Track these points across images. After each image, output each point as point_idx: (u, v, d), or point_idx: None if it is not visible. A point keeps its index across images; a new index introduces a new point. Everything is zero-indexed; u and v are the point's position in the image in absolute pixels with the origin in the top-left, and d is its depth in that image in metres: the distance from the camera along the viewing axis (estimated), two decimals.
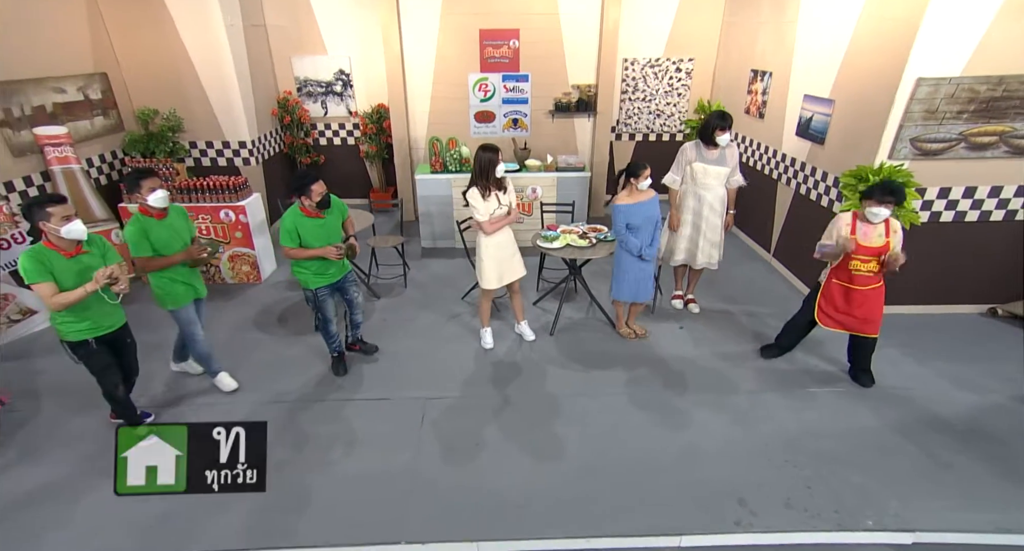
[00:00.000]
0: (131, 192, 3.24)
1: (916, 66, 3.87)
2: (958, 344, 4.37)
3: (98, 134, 5.50)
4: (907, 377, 3.99)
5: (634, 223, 3.94)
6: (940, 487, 3.04)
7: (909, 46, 3.84)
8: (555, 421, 3.57)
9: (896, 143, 4.11)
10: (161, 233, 3.28)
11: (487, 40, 6.51)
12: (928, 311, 4.80)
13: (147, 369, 4.02)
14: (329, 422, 3.57)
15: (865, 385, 3.92)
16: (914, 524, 2.81)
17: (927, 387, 3.88)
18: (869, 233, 3.50)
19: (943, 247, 4.48)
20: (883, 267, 3.52)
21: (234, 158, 6.34)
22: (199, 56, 5.80)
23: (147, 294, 5.08)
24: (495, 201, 3.88)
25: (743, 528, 2.80)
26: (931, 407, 3.68)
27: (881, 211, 3.39)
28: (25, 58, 4.77)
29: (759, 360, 4.20)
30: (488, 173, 3.79)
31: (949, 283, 4.69)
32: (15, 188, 4.63)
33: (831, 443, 3.36)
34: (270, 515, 2.87)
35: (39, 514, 2.88)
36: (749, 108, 6.25)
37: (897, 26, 3.97)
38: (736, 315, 4.87)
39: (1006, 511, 2.88)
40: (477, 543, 2.74)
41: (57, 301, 2.75)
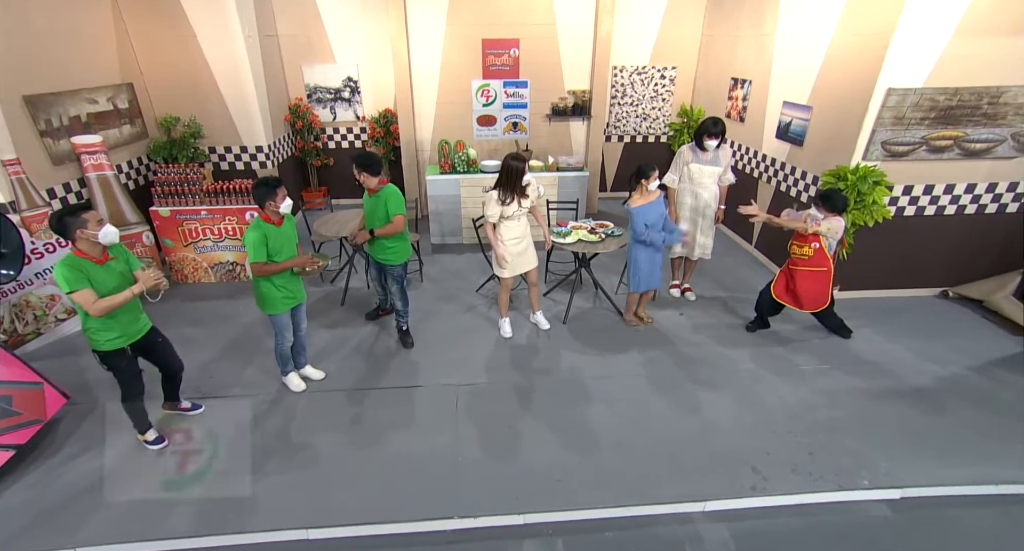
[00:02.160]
0: (266, 200, 3.13)
1: (887, 77, 4.05)
2: (919, 323, 4.62)
3: (126, 141, 5.36)
4: (881, 353, 4.22)
5: (650, 221, 4.06)
6: (921, 448, 3.26)
7: (881, 58, 4.02)
8: (580, 401, 3.69)
9: (869, 146, 4.30)
10: (278, 239, 3.22)
11: (489, 49, 6.51)
12: (892, 295, 5.06)
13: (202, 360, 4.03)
14: (371, 408, 3.62)
15: (845, 337, 4.39)
16: (902, 481, 3.01)
17: (899, 361, 4.11)
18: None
19: (905, 238, 4.72)
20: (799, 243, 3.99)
21: (251, 162, 6.25)
22: (218, 66, 5.68)
23: (181, 294, 5.06)
24: (515, 206, 3.92)
25: (759, 492, 2.96)
26: (906, 378, 3.91)
27: (813, 212, 3.91)
28: (62, 71, 4.66)
29: (754, 342, 4.38)
30: (515, 182, 3.84)
31: (909, 269, 4.94)
32: (56, 195, 4.51)
33: (825, 413, 3.55)
34: (328, 493, 2.92)
35: (100, 501, 2.87)
36: (730, 113, 6.40)
37: (870, 40, 4.14)
38: (727, 301, 5.05)
39: (979, 466, 3.12)
40: (523, 515, 2.83)
41: (100, 306, 2.65)
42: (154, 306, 4.82)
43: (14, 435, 3.00)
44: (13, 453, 2.98)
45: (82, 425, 3.40)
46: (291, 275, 3.40)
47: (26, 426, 3.08)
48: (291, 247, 3.37)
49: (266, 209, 3.18)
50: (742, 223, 6.34)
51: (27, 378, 3.22)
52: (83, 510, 2.81)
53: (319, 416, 3.54)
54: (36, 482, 2.98)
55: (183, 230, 5.03)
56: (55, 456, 3.16)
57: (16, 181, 4.09)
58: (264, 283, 3.30)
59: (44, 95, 4.44)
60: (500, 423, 3.49)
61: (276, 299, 3.36)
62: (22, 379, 3.19)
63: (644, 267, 4.23)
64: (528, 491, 2.96)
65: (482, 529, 2.79)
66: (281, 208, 3.20)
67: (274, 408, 3.61)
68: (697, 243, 4.71)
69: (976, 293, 4.81)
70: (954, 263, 4.92)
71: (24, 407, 3.10)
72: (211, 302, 4.96)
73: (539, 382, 3.90)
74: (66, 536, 2.67)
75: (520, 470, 3.11)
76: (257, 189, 3.14)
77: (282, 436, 3.37)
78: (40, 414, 3.18)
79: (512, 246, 4.08)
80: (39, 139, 4.39)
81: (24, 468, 3.05)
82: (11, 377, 3.15)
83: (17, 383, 3.15)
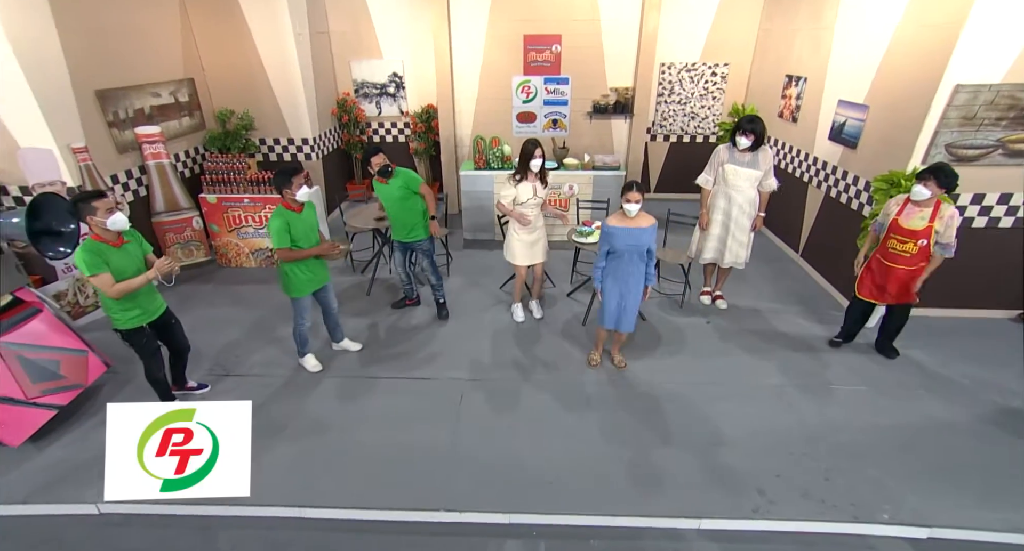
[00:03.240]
0: (282, 187, 3.27)
1: (955, 72, 3.67)
2: (986, 348, 4.16)
3: (184, 133, 5.76)
4: (929, 377, 3.84)
5: (615, 248, 3.36)
6: (957, 485, 2.94)
7: (949, 53, 3.63)
8: (585, 405, 3.61)
9: (931, 149, 3.91)
10: (300, 226, 3.37)
11: (531, 45, 6.47)
12: (958, 315, 4.58)
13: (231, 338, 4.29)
14: (378, 395, 3.71)
15: (889, 356, 4.00)
16: (930, 520, 2.74)
17: (949, 388, 3.73)
18: (911, 214, 3.49)
19: (974, 252, 4.24)
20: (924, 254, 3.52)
21: (297, 153, 6.55)
22: (270, 61, 5.99)
23: (223, 277, 5.40)
24: (530, 191, 4.09)
25: (761, 515, 2.79)
26: (955, 407, 3.55)
27: (919, 189, 3.38)
28: (131, 68, 5.06)
29: (782, 355, 4.12)
30: (525, 162, 4.02)
31: (980, 288, 4.45)
32: (119, 180, 4.93)
33: (850, 437, 3.29)
34: (323, 475, 3.02)
35: None
36: (783, 112, 6.02)
37: (937, 32, 3.76)
38: (763, 312, 4.77)
39: (1021, 511, 2.77)
40: (508, 514, 2.81)
41: (119, 289, 2.82)
42: (197, 287, 5.21)
43: (58, 397, 3.31)
44: (55, 413, 3.30)
45: (119, 392, 3.71)
46: (315, 259, 3.54)
47: (69, 389, 3.39)
48: (313, 233, 3.51)
49: (284, 196, 3.32)
50: (788, 228, 5.97)
51: (75, 345, 3.54)
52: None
53: (327, 399, 3.67)
54: (73, 441, 3.28)
55: (228, 216, 5.35)
56: (92, 418, 3.47)
57: (83, 167, 4.49)
58: (289, 267, 3.46)
59: (114, 89, 4.85)
60: (500, 420, 3.49)
61: (300, 282, 3.53)
62: (70, 346, 3.51)
63: (611, 302, 3.57)
64: (517, 490, 2.93)
65: (467, 524, 2.80)
66: (298, 195, 3.32)
67: (288, 389, 3.77)
68: (728, 249, 4.46)
69: None
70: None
71: (69, 372, 3.42)
72: (249, 286, 5.25)
73: (547, 382, 3.84)
74: (93, 492, 2.91)
75: (513, 469, 3.08)
76: (276, 177, 3.29)
77: (290, 416, 3.51)
78: (82, 379, 3.49)
79: (524, 235, 4.20)
80: (107, 129, 4.80)
81: (63, 427, 3.37)
82: (61, 344, 3.48)
83: (65, 349, 3.47)
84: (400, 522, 2.82)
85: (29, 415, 3.18)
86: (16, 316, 3.41)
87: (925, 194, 3.36)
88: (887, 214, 3.62)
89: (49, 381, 3.30)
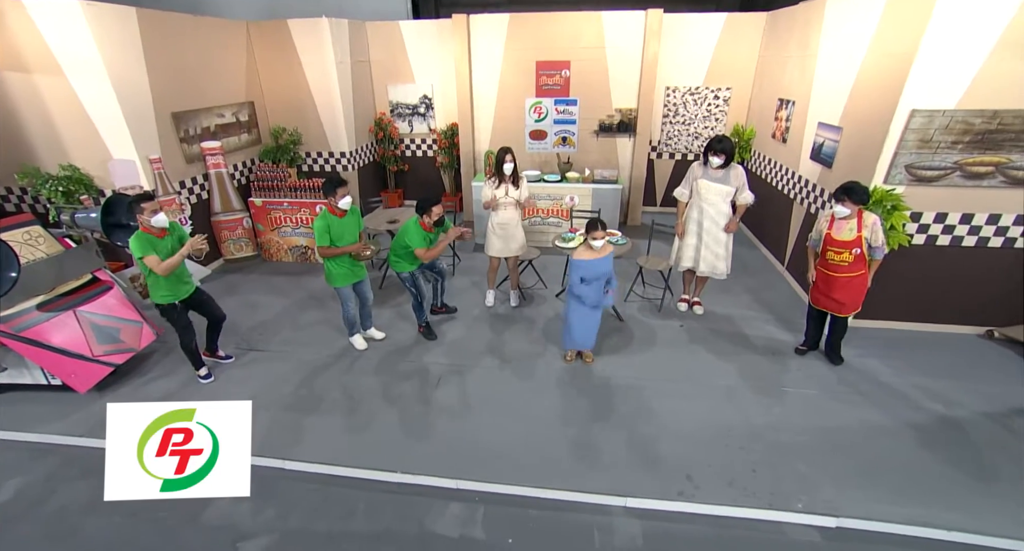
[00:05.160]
0: (327, 195, 3.71)
1: (911, 98, 3.64)
2: (945, 361, 4.03)
3: (242, 147, 6.39)
4: (880, 385, 3.78)
5: (587, 277, 3.60)
6: (874, 482, 2.94)
7: (904, 79, 3.61)
8: (550, 391, 3.79)
9: (891, 169, 3.87)
10: (339, 228, 3.77)
11: (542, 70, 6.72)
12: (921, 329, 4.43)
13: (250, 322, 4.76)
14: (369, 376, 4.03)
15: (834, 362, 4.00)
16: (841, 511, 2.76)
17: (898, 396, 3.67)
18: (841, 228, 3.56)
19: (939, 269, 4.14)
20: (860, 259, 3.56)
21: (336, 165, 7.07)
22: (316, 86, 6.55)
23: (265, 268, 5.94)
24: (503, 191, 4.50)
25: (684, 498, 2.89)
26: (899, 413, 3.49)
27: (840, 208, 3.48)
28: (203, 93, 5.71)
29: (745, 359, 4.14)
30: (498, 167, 4.44)
31: (945, 303, 4.30)
32: (185, 185, 5.56)
33: (789, 437, 3.31)
34: (307, 435, 3.37)
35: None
36: (775, 133, 5.98)
37: (895, 61, 3.74)
38: (736, 320, 4.77)
39: (931, 507, 2.76)
40: (456, 481, 3.03)
41: (164, 266, 3.36)
42: (243, 277, 5.76)
43: (115, 357, 3.85)
44: (112, 369, 3.83)
45: (165, 358, 4.23)
46: (351, 256, 3.95)
47: (125, 352, 3.93)
48: (353, 235, 3.92)
49: (329, 202, 3.76)
50: (776, 241, 5.90)
51: (133, 317, 4.08)
52: None
53: (330, 375, 4.04)
54: (125, 393, 3.80)
55: (271, 217, 5.89)
56: (143, 376, 4.00)
57: (157, 175, 5.12)
58: (328, 262, 3.91)
59: (187, 111, 5.49)
60: (471, 400, 3.71)
61: (339, 274, 3.95)
62: (130, 317, 4.06)
63: (576, 326, 3.82)
64: (469, 460, 3.15)
65: (418, 486, 3.04)
66: (340, 204, 3.74)
67: (298, 364, 4.16)
68: (703, 258, 4.52)
69: (1022, 335, 4.07)
70: (1002, 300, 4.20)
71: (126, 337, 3.96)
72: (285, 277, 5.76)
73: (519, 371, 4.04)
74: None
75: (468, 442, 3.30)
76: (325, 185, 3.75)
77: (292, 386, 3.89)
78: (136, 344, 4.02)
79: (499, 230, 4.59)
80: (178, 144, 5.43)
81: (118, 382, 3.91)
82: (123, 315, 4.03)
83: (126, 320, 4.02)
84: (360, 479, 3.08)
85: (93, 369, 3.72)
86: (92, 291, 4.01)
87: (845, 211, 3.46)
88: (819, 230, 3.69)
89: (111, 344, 3.85)
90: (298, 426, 3.47)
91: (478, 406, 3.67)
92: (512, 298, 5.05)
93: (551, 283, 5.50)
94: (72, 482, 3.08)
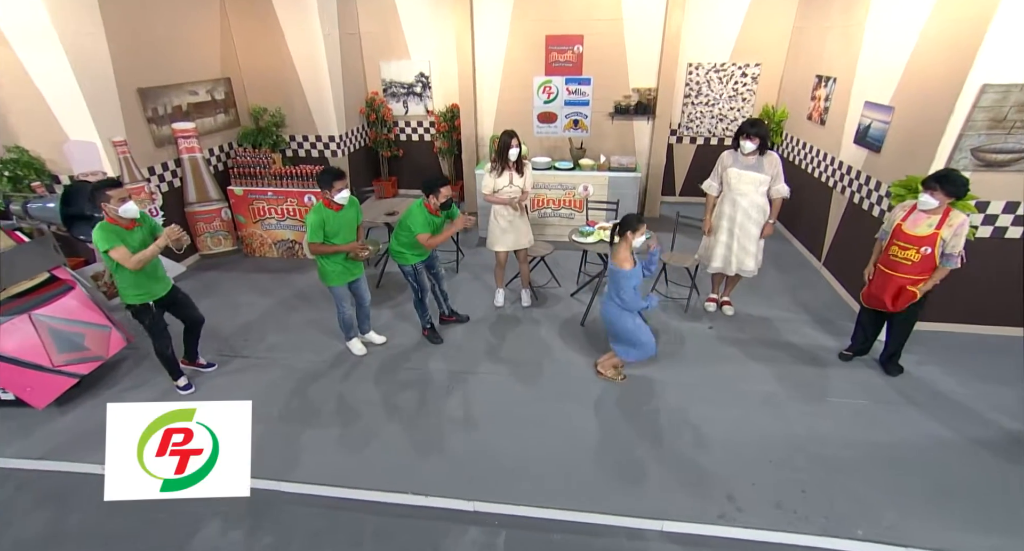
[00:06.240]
0: (324, 187, 3.55)
1: (982, 70, 3.49)
2: (1013, 368, 3.92)
3: (219, 129, 6.23)
4: (939, 395, 3.67)
5: (638, 284, 3.37)
6: (947, 507, 2.82)
7: (975, 48, 3.47)
8: (568, 401, 3.67)
9: (955, 153, 3.74)
10: (335, 223, 3.62)
11: (552, 45, 6.57)
12: (985, 332, 4.32)
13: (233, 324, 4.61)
14: (369, 384, 3.90)
15: (891, 374, 3.84)
16: (909, 539, 2.64)
17: (960, 407, 3.55)
18: (919, 221, 3.36)
19: (1007, 265, 4.02)
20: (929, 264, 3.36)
21: (324, 150, 6.92)
22: (301, 61, 6.39)
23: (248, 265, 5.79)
24: (507, 179, 4.35)
25: (726, 521, 2.77)
26: (963, 427, 3.38)
27: (926, 199, 3.24)
28: (172, 67, 5.53)
29: (783, 365, 4.03)
30: (503, 153, 4.26)
31: (1014, 303, 4.18)
32: (155, 172, 5.40)
33: (838, 451, 3.20)
34: (310, 455, 3.23)
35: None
36: (811, 114, 5.85)
37: (964, 28, 3.59)
38: (771, 321, 4.66)
39: (1010, 538, 2.64)
40: (474, 502, 2.91)
41: (136, 259, 3.15)
42: (222, 274, 5.61)
43: (79, 367, 3.70)
44: (76, 381, 3.68)
45: (137, 367, 4.09)
46: (346, 255, 3.80)
47: (90, 360, 3.77)
48: (350, 231, 3.77)
49: (325, 195, 3.61)
50: (811, 235, 5.78)
51: (100, 321, 3.92)
52: None
53: (324, 384, 3.90)
54: (91, 407, 3.66)
55: (253, 208, 5.74)
56: (112, 388, 3.86)
57: (123, 159, 4.95)
58: (321, 259, 3.76)
59: (155, 88, 5.32)
60: (484, 411, 3.60)
61: (333, 273, 3.81)
62: (96, 321, 3.90)
63: (645, 331, 3.51)
64: (486, 479, 3.04)
65: (433, 509, 2.92)
66: (336, 198, 3.59)
67: (288, 373, 4.02)
68: (734, 256, 4.39)
69: None
70: None
71: (92, 344, 3.80)
72: (270, 274, 5.61)
73: (535, 378, 3.93)
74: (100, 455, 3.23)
75: (485, 459, 3.19)
76: (321, 176, 3.59)
77: (284, 398, 3.76)
78: (103, 352, 3.86)
79: (502, 222, 4.46)
80: (146, 125, 5.27)
81: (83, 395, 3.76)
82: (88, 319, 3.87)
83: (91, 324, 3.86)
84: (367, 501, 2.97)
85: (53, 381, 3.56)
86: (50, 292, 3.84)
87: (932, 203, 3.23)
88: (891, 221, 3.50)
89: (74, 352, 3.69)
90: (294, 442, 3.34)
91: (493, 418, 3.54)
92: (524, 297, 4.93)
93: (565, 281, 5.37)
94: (28, 513, 2.94)
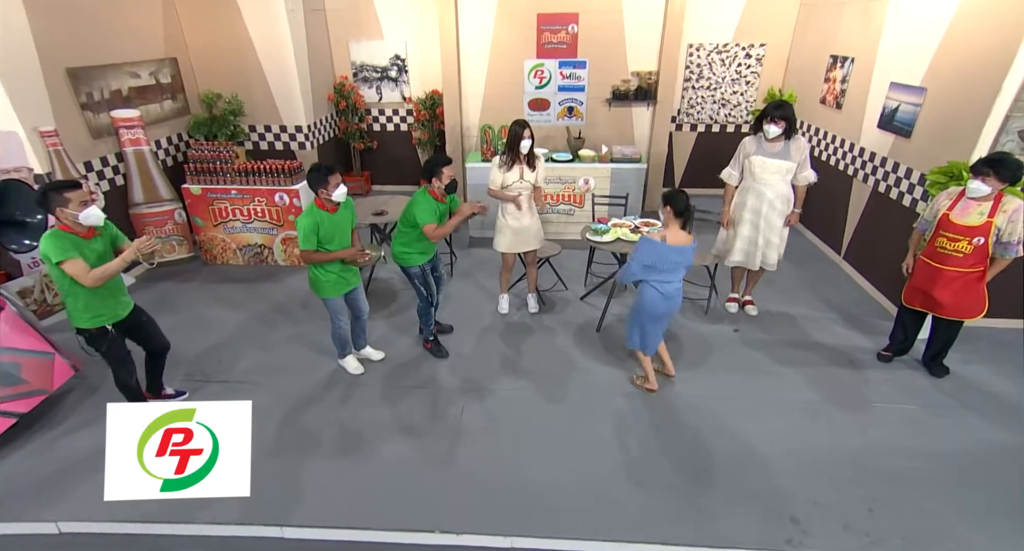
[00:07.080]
0: (318, 186, 3.26)
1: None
2: None
3: (166, 117, 5.78)
4: (995, 397, 3.66)
5: (660, 266, 3.24)
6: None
7: None
8: (597, 420, 3.50)
9: (1000, 136, 3.73)
10: (330, 227, 3.36)
11: (545, 25, 6.39)
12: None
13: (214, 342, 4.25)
14: (373, 407, 3.63)
15: (936, 375, 3.82)
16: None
17: (1014, 410, 3.54)
18: (968, 210, 3.30)
19: None
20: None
21: (290, 142, 6.54)
22: (261, 41, 6.00)
23: (208, 274, 5.39)
24: (517, 174, 4.15)
25: (796, 546, 2.65)
26: (1018, 432, 3.36)
27: (977, 186, 3.18)
28: (107, 45, 5.07)
29: (818, 368, 3.97)
30: (513, 145, 4.08)
31: None
32: (93, 168, 4.93)
33: (896, 463, 3.13)
34: (311, 491, 2.95)
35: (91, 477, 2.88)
36: (825, 98, 5.86)
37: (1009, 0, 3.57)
38: (797, 320, 4.61)
39: None
40: (510, 538, 2.72)
41: (95, 275, 2.75)
42: (178, 286, 5.19)
43: (18, 403, 3.28)
44: (15, 421, 3.26)
45: (88, 399, 3.67)
46: (342, 261, 3.51)
47: (31, 395, 3.35)
48: (346, 234, 3.49)
49: (319, 195, 3.29)
50: (828, 227, 5.79)
51: (39, 348, 3.50)
52: (73, 485, 3.00)
53: (317, 409, 3.61)
54: (34, 452, 3.24)
55: (213, 209, 5.33)
56: (57, 427, 3.43)
57: (53, 152, 4.47)
58: (314, 267, 3.46)
59: (87, 68, 4.85)
60: (502, 434, 3.40)
61: (328, 283, 3.51)
62: (34, 348, 3.48)
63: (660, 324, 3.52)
64: (516, 510, 2.85)
65: (465, 547, 2.71)
66: (334, 196, 3.29)
67: (274, 397, 3.70)
68: (759, 251, 4.31)
69: None
70: None
71: (32, 376, 3.39)
72: (236, 285, 5.22)
73: (556, 393, 3.74)
74: (51, 510, 2.86)
75: (514, 487, 3.00)
76: (310, 174, 3.28)
77: (275, 427, 3.44)
78: (47, 384, 3.45)
79: (512, 221, 4.26)
80: (80, 112, 4.80)
81: (25, 437, 3.33)
82: (23, 345, 3.44)
83: (28, 352, 3.44)
84: (387, 544, 2.74)
85: None
86: None
87: (984, 190, 3.18)
88: (936, 210, 3.44)
89: (9, 386, 3.27)
90: (293, 479, 3.04)
91: (518, 440, 3.35)
92: (530, 303, 4.76)
93: (572, 284, 5.20)
94: None
